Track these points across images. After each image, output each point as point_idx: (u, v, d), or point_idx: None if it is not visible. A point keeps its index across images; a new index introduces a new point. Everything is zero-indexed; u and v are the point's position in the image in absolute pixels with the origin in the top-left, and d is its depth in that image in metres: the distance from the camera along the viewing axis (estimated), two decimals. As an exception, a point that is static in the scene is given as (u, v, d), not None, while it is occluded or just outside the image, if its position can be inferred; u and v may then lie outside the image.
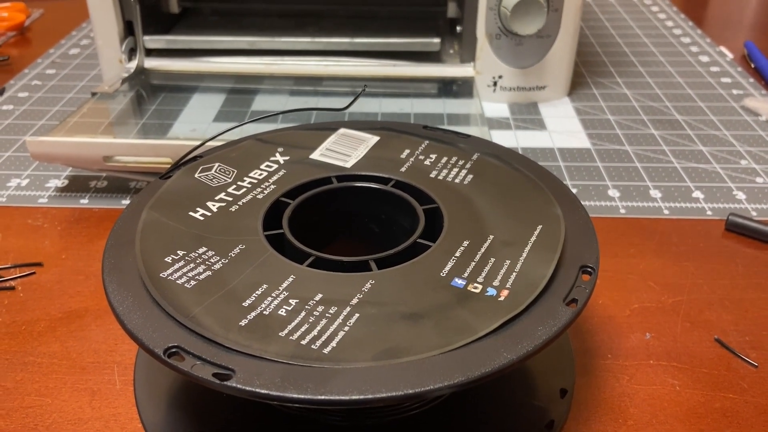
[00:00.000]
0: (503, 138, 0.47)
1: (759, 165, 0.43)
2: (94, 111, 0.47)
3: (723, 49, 0.60)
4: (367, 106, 0.50)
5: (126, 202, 0.40)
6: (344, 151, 0.33)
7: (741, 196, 0.40)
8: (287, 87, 0.53)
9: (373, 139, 0.34)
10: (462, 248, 0.26)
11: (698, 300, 0.32)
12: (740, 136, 0.46)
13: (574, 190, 0.41)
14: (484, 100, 0.53)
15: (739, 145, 0.45)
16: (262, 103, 0.51)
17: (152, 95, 0.51)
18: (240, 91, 0.53)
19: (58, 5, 0.73)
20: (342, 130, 0.34)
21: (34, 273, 0.34)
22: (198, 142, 0.37)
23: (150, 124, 0.47)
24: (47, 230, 0.37)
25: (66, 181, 0.42)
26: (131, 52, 0.52)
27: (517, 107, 0.52)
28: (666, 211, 0.39)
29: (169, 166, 0.39)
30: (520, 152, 0.45)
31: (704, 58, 0.58)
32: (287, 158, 0.32)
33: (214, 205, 0.28)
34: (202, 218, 0.27)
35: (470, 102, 0.50)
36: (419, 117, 0.49)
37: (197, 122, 0.48)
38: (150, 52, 0.54)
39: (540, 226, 0.27)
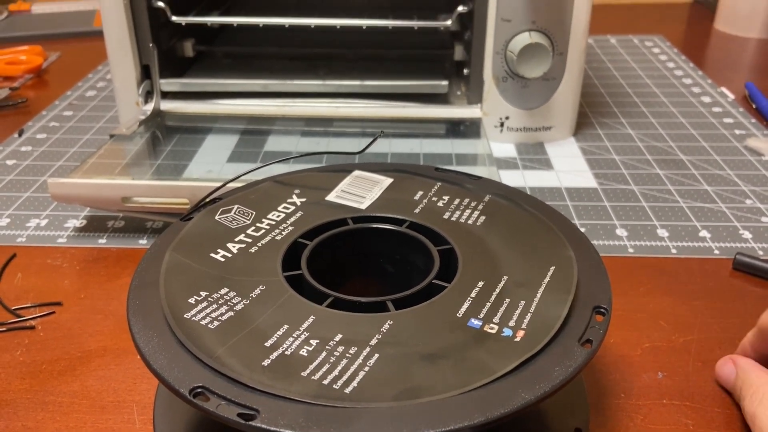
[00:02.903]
0: (511, 177, 0.48)
1: (764, 204, 0.44)
2: (112, 152, 0.48)
3: (724, 89, 0.61)
4: (377, 146, 0.52)
5: (143, 241, 0.41)
6: (359, 192, 0.34)
7: (747, 235, 0.41)
8: (299, 128, 0.55)
9: (387, 180, 0.35)
10: (477, 289, 0.26)
11: (709, 339, 0.33)
12: (744, 175, 0.47)
13: (582, 230, 0.42)
14: (491, 140, 0.54)
15: (743, 185, 0.46)
16: (275, 143, 0.52)
17: (167, 136, 0.52)
18: (253, 131, 0.54)
19: (74, 48, 0.75)
20: (356, 172, 0.35)
21: (53, 312, 0.35)
22: (214, 183, 0.38)
23: (165, 165, 0.48)
24: (66, 270, 0.38)
25: (84, 221, 0.43)
26: (148, 95, 0.54)
27: (524, 147, 0.53)
28: (674, 251, 0.39)
29: (186, 206, 0.40)
30: (529, 192, 0.46)
31: (706, 99, 0.60)
32: (304, 200, 0.33)
33: (234, 247, 0.29)
34: (223, 259, 0.28)
35: (478, 142, 0.51)
36: (428, 157, 0.50)
37: (212, 163, 0.49)
38: (166, 95, 0.56)
39: (553, 267, 0.27)
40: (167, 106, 0.55)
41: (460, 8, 0.53)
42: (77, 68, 0.69)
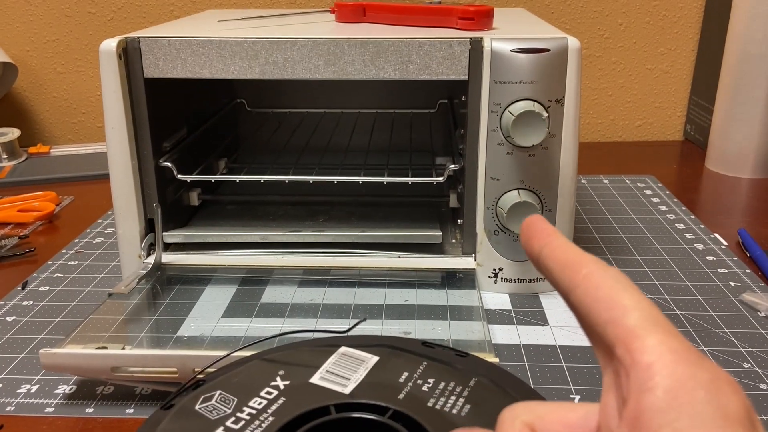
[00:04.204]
0: (505, 334, 0.48)
1: (761, 369, 0.43)
2: (110, 309, 0.49)
3: (717, 236, 0.62)
4: (373, 297, 0.52)
5: (130, 410, 0.40)
6: (344, 373, 0.33)
7: (746, 406, 0.39)
8: (296, 277, 0.56)
9: (373, 359, 0.35)
10: (457, 497, 0.25)
11: None
12: (741, 334, 0.47)
13: (577, 398, 0.41)
14: (486, 290, 0.54)
15: (740, 345, 0.45)
16: (271, 295, 0.53)
17: (166, 288, 0.53)
18: (251, 281, 0.55)
19: (88, 190, 0.78)
20: (342, 349, 0.35)
21: (30, 497, 0.34)
22: (202, 353, 0.38)
23: (162, 320, 0.49)
24: (50, 445, 0.38)
25: (74, 387, 0.43)
26: (150, 247, 0.55)
27: (519, 298, 0.53)
28: (671, 424, 0.38)
29: (175, 375, 0.40)
30: (523, 350, 0.46)
31: (699, 246, 0.60)
32: (287, 383, 0.33)
33: (212, 443, 0.28)
34: (199, 460, 0.27)
35: (472, 294, 0.52)
36: (422, 309, 0.50)
37: (208, 318, 0.49)
38: (168, 245, 0.57)
39: (535, 472, 0.26)
40: (169, 258, 0.56)
41: (452, 166, 0.55)
42: (89, 213, 0.71)
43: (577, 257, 0.21)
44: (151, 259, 0.55)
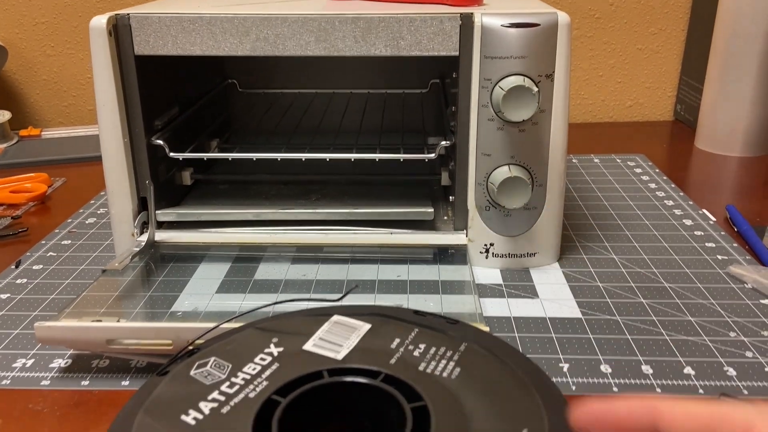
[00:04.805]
0: (496, 307, 0.49)
1: (747, 338, 0.44)
2: (104, 285, 0.49)
3: (705, 212, 0.63)
4: (366, 273, 0.53)
5: (126, 383, 0.41)
6: (336, 341, 0.34)
7: (731, 372, 0.40)
8: (289, 254, 0.56)
9: (365, 326, 0.35)
10: (447, 454, 0.26)
11: (695, 492, 0.32)
12: (727, 305, 0.47)
13: (566, 366, 0.42)
14: (477, 265, 0.55)
15: (726, 315, 0.46)
16: (265, 272, 0.53)
17: (160, 266, 0.53)
18: (244, 259, 0.55)
19: (80, 172, 0.78)
20: (335, 318, 0.36)
21: (28, 465, 0.34)
22: (196, 325, 0.39)
23: (156, 297, 0.49)
24: (46, 416, 0.38)
25: (69, 361, 0.43)
26: (143, 225, 0.56)
27: (510, 273, 0.54)
28: (658, 390, 0.39)
29: (169, 347, 0.40)
30: (513, 322, 0.46)
31: (688, 222, 0.61)
32: (281, 349, 0.33)
33: (206, 406, 0.29)
34: (193, 422, 0.28)
35: (464, 269, 0.52)
36: (415, 284, 0.51)
37: (201, 293, 0.50)
38: (161, 224, 0.57)
39: (525, 430, 0.27)
40: (162, 236, 0.56)
41: (443, 142, 0.56)
42: (80, 194, 0.71)
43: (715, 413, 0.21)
44: (145, 237, 0.55)
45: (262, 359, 0.32)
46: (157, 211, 0.56)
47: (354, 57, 0.54)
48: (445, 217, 0.59)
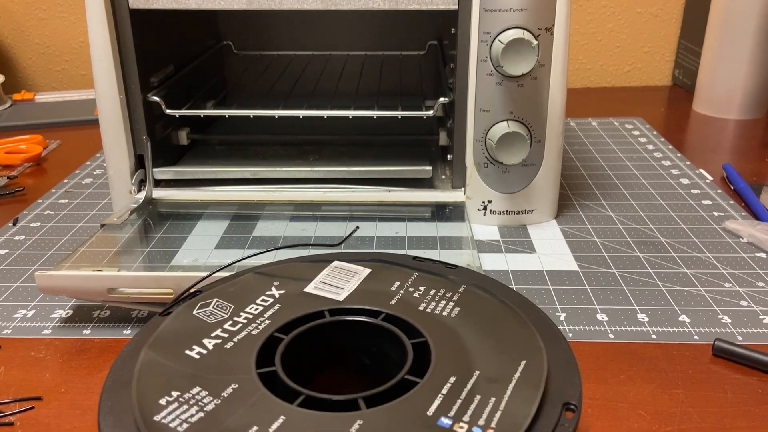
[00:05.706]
0: (494, 261, 0.49)
1: (742, 288, 0.44)
2: (103, 240, 0.49)
3: (702, 171, 0.63)
4: (363, 230, 0.53)
5: (127, 332, 0.41)
6: (337, 284, 0.34)
7: (726, 320, 0.41)
8: (288, 212, 0.56)
9: (365, 271, 0.35)
10: (449, 385, 0.27)
11: (689, 429, 0.32)
12: (723, 258, 0.48)
13: (563, 315, 0.42)
14: (475, 223, 0.55)
15: (722, 267, 0.47)
16: (263, 229, 0.53)
17: (159, 223, 0.53)
18: (242, 217, 0.55)
19: (74, 135, 0.78)
20: (336, 263, 0.36)
21: (33, 408, 0.35)
22: (197, 273, 0.39)
23: (155, 252, 0.49)
24: (49, 362, 0.38)
25: (70, 312, 0.43)
26: (141, 183, 0.55)
27: (508, 230, 0.54)
28: (653, 336, 0.40)
29: (170, 296, 0.41)
30: (511, 276, 0.47)
31: (685, 181, 0.61)
32: (282, 292, 0.33)
33: (210, 342, 0.29)
34: (197, 356, 0.28)
35: (462, 225, 0.52)
36: (413, 240, 0.51)
37: (200, 250, 0.50)
38: (159, 182, 0.57)
39: (524, 362, 0.28)
40: (160, 194, 0.56)
41: (442, 99, 0.55)
42: (76, 156, 0.71)
43: None
44: (142, 195, 0.55)
45: (264, 300, 0.33)
46: (154, 169, 0.56)
47: (351, 17, 0.53)
48: (443, 177, 0.59)
